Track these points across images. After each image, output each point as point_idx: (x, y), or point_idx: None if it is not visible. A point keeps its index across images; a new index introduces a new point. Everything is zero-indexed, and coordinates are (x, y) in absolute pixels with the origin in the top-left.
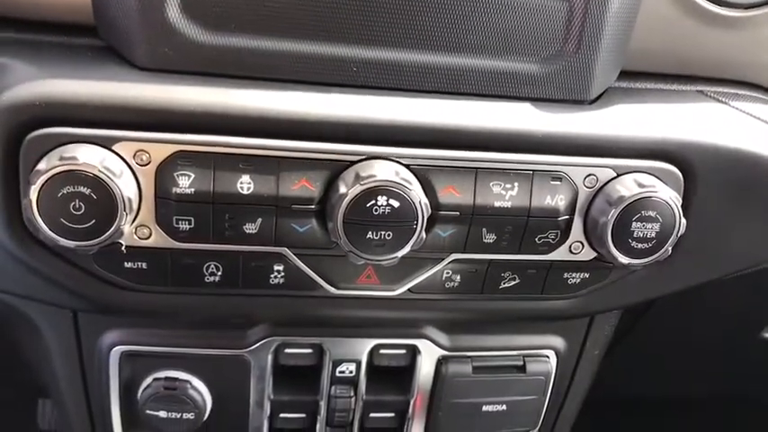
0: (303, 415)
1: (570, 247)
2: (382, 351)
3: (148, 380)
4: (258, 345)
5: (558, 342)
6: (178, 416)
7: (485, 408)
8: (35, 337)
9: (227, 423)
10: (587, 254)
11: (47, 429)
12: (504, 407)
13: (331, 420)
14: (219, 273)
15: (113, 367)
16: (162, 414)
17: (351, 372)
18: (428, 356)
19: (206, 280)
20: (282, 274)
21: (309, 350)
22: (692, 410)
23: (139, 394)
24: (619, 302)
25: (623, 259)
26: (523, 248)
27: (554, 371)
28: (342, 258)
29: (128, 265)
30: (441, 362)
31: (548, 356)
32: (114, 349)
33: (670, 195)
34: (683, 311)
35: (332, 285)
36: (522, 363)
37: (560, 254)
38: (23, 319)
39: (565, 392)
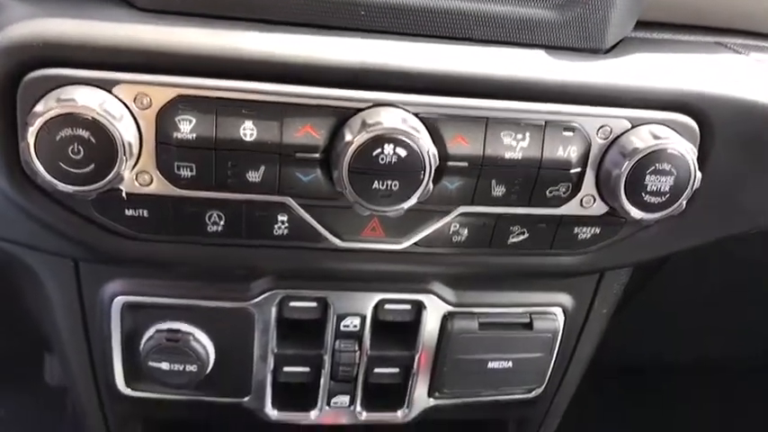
0: (307, 369)
1: (581, 200)
2: (387, 306)
3: (150, 331)
4: (262, 297)
5: (566, 299)
6: (181, 368)
7: (490, 364)
8: (36, 287)
9: (230, 376)
10: (599, 208)
11: (54, 385)
12: (510, 364)
13: (335, 374)
14: (222, 222)
15: (115, 318)
16: (164, 366)
17: (355, 326)
18: (434, 312)
19: (208, 229)
20: (286, 224)
21: (314, 304)
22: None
23: (142, 346)
24: (630, 259)
25: (636, 213)
26: (533, 202)
27: (561, 329)
28: (347, 210)
29: (128, 212)
30: (446, 318)
31: (555, 314)
32: (116, 300)
33: (686, 148)
34: (696, 269)
35: (337, 237)
36: (528, 320)
37: (571, 208)
38: (25, 269)
39: (572, 351)
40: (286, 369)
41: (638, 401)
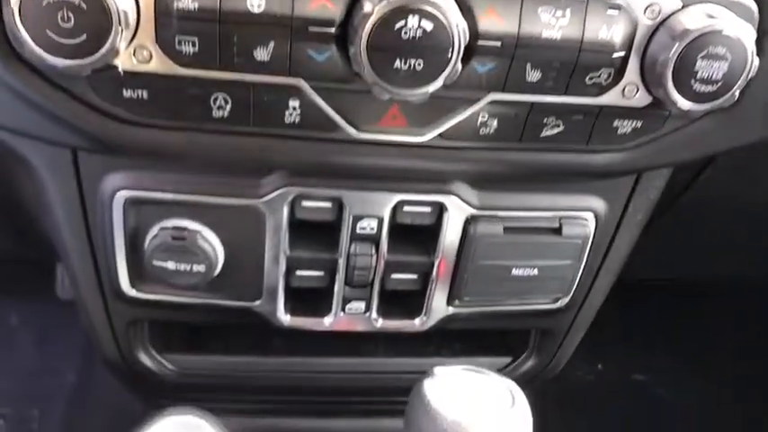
0: (321, 273)
1: (624, 89)
2: (406, 208)
3: (155, 229)
4: (273, 195)
5: (599, 204)
6: (188, 268)
7: (514, 271)
8: (35, 183)
9: (240, 279)
10: (642, 99)
11: (66, 299)
12: (536, 271)
13: (350, 279)
14: (228, 107)
15: (117, 214)
16: (170, 266)
17: (372, 229)
18: (456, 215)
19: (213, 114)
20: (298, 111)
21: (328, 204)
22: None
23: (146, 244)
24: (671, 158)
25: (683, 103)
26: (571, 89)
27: (592, 235)
28: (365, 95)
29: (127, 93)
30: (469, 221)
31: (586, 219)
32: (118, 194)
33: (743, 30)
34: (741, 175)
35: (353, 127)
36: (557, 225)
37: (612, 97)
38: (23, 164)
39: (602, 260)
40: (299, 273)
41: (656, 317)
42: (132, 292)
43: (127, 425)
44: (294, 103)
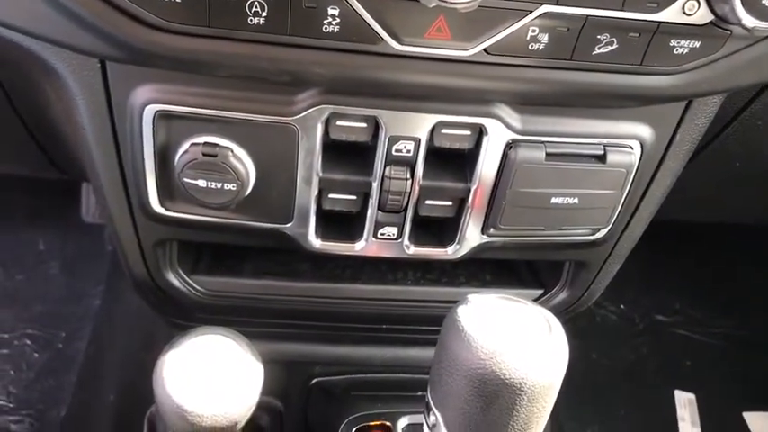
0: (354, 197)
1: (684, 5)
2: (444, 131)
3: (185, 145)
4: (307, 113)
5: (646, 131)
6: (218, 186)
7: (554, 200)
8: (65, 99)
9: (271, 200)
10: (703, 16)
11: (90, 222)
12: (576, 200)
13: (383, 204)
14: (264, 13)
15: (147, 129)
16: (200, 183)
17: (408, 152)
18: (496, 139)
19: (249, 21)
20: (338, 19)
21: (364, 124)
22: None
23: (176, 161)
24: (727, 83)
25: (749, 20)
26: (628, 3)
27: (637, 164)
28: (410, 3)
29: None
30: (510, 146)
31: (631, 147)
32: (147, 108)
33: None
34: None
35: (395, 39)
36: (602, 152)
37: (671, 14)
38: (52, 76)
39: (644, 190)
40: (331, 196)
41: (681, 259)
42: (161, 211)
43: (153, 347)
44: (334, 11)
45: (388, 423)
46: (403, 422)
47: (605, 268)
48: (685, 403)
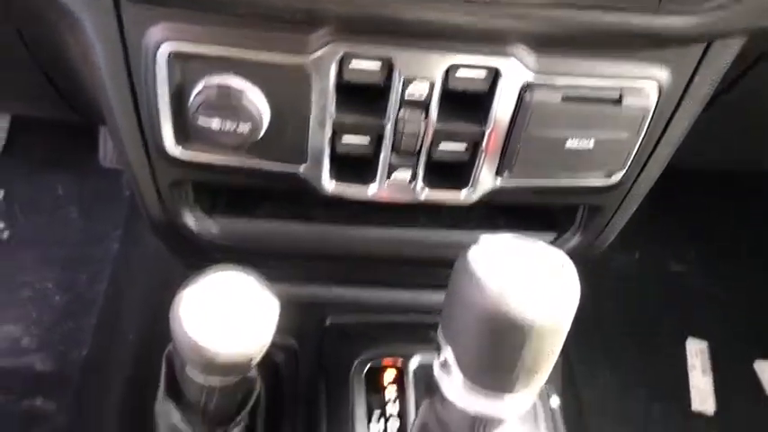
0: (367, 139)
1: None
2: (459, 73)
3: (200, 86)
4: (320, 53)
5: (663, 74)
6: (233, 127)
7: (569, 143)
8: (81, 40)
9: (285, 141)
10: None
11: (108, 167)
12: (592, 144)
13: (398, 146)
14: None
15: (161, 69)
16: (215, 124)
17: (422, 94)
18: (511, 81)
19: None
20: None
21: (377, 64)
22: None
23: (190, 101)
24: (750, 23)
25: None
26: None
27: (653, 107)
28: None
29: None
30: (525, 88)
31: (648, 90)
32: (162, 48)
33: None
34: None
35: None
36: (618, 95)
37: None
38: (66, 15)
39: (660, 134)
40: (345, 138)
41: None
42: (177, 152)
43: (170, 288)
44: None
45: (400, 361)
46: (414, 361)
47: (619, 213)
48: (697, 352)
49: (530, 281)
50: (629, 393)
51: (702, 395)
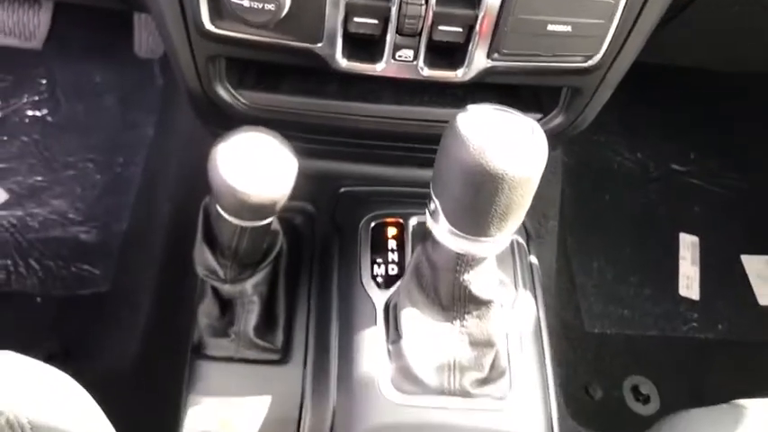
0: (375, 21)
1: None
2: None
3: None
4: None
5: None
6: (260, 5)
7: (550, 27)
8: None
9: (304, 21)
10: None
11: (143, 57)
12: (570, 28)
13: (401, 27)
14: None
15: None
16: (245, 2)
17: None
18: None
19: None
20: None
21: None
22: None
23: None
24: None
25: None
26: None
27: None
28: None
29: None
30: None
31: None
32: None
33: None
34: None
35: None
36: None
37: None
38: None
39: (633, 22)
40: (356, 19)
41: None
42: (212, 28)
43: (201, 163)
44: None
45: (401, 220)
46: (413, 220)
47: (597, 95)
48: (688, 245)
49: (505, 141)
50: (621, 279)
51: (689, 282)
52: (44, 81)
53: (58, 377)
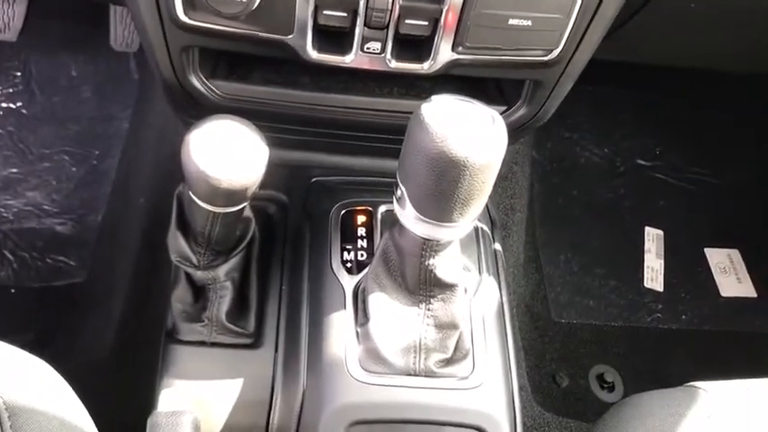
0: (344, 14)
1: None
2: None
3: None
4: None
5: None
6: None
7: (510, 21)
8: None
9: (275, 12)
10: None
11: (119, 50)
12: (530, 22)
13: (369, 21)
14: None
15: None
16: None
17: None
18: None
19: None
20: None
21: None
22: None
23: None
24: None
25: None
26: None
27: None
28: None
29: None
30: None
31: None
32: None
33: None
34: None
35: None
36: None
37: None
38: None
39: (590, 18)
40: (326, 12)
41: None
42: (185, 19)
43: (175, 157)
44: None
45: (370, 208)
46: (382, 208)
47: (558, 87)
48: (653, 238)
49: (467, 129)
50: (588, 270)
51: (654, 274)
52: (19, 73)
53: (34, 362)
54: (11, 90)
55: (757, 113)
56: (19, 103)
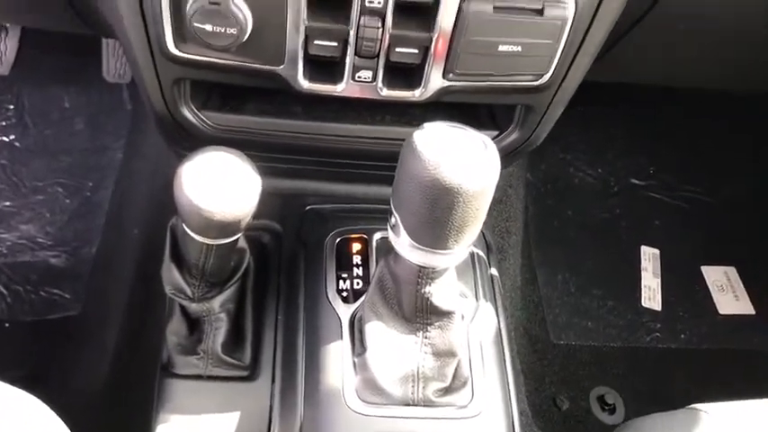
0: (335, 44)
1: None
2: None
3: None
4: None
5: None
6: (222, 29)
7: (501, 48)
8: None
9: (266, 44)
10: None
11: (111, 82)
12: (519, 48)
13: (360, 50)
14: None
15: None
16: (208, 27)
17: (379, 3)
18: None
19: None
20: None
21: None
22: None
23: (187, 9)
24: None
25: None
26: None
27: (571, 17)
28: None
29: None
30: (463, 1)
31: (566, 2)
32: None
33: None
34: None
35: None
36: (541, 6)
37: None
38: None
39: (580, 42)
40: (316, 42)
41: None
42: (176, 52)
43: (168, 188)
44: None
45: (365, 236)
46: (377, 235)
47: (549, 112)
48: (650, 257)
49: (459, 156)
50: (585, 291)
51: (651, 293)
52: (11, 106)
53: (26, 400)
54: (4, 123)
55: (751, 127)
56: (12, 136)
